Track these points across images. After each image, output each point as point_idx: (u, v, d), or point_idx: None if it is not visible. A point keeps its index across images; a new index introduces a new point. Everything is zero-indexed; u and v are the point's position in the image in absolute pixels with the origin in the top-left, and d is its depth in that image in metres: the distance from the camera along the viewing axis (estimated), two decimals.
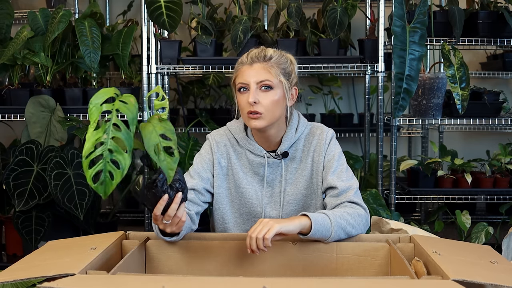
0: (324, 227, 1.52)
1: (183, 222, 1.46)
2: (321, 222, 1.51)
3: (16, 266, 1.35)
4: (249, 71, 1.66)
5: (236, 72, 1.70)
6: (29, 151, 2.72)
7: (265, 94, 1.66)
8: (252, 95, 1.64)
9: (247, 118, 1.68)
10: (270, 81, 1.66)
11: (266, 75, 1.66)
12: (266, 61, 1.67)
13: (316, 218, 1.52)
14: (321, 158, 1.74)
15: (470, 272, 1.22)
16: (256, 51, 1.69)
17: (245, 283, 1.17)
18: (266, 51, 1.69)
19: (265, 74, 1.66)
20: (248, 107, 1.65)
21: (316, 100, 4.02)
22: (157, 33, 3.01)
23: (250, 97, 1.64)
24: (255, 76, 1.65)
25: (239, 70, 1.70)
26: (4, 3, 2.96)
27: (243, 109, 1.68)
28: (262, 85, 1.66)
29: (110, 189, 1.20)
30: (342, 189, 1.68)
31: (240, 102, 1.69)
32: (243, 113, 1.69)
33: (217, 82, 3.76)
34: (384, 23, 2.92)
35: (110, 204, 4.00)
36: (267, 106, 1.65)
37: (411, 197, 3.13)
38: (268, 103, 1.65)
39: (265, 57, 1.67)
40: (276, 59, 1.68)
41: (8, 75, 3.05)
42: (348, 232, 1.56)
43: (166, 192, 1.37)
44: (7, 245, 3.13)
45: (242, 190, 1.76)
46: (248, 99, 1.65)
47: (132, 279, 1.21)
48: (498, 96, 3.14)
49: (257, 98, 1.64)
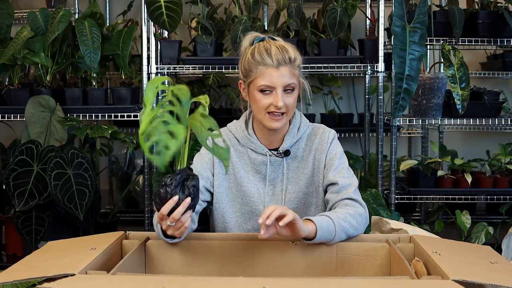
0: (328, 232, 1.52)
1: (185, 228, 1.46)
2: (325, 228, 1.51)
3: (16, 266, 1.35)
4: (275, 74, 1.64)
5: (258, 73, 1.65)
6: (29, 151, 2.72)
7: (289, 96, 1.67)
8: (280, 99, 1.64)
9: (268, 119, 1.67)
10: (295, 83, 1.67)
11: (291, 78, 1.66)
12: (291, 63, 1.66)
13: (321, 223, 1.51)
14: (322, 156, 1.75)
15: (470, 272, 1.22)
16: (277, 51, 1.65)
17: (245, 283, 1.17)
18: (288, 53, 1.66)
19: (291, 78, 1.66)
20: (272, 109, 1.65)
21: (316, 100, 4.02)
22: (157, 33, 3.01)
23: (279, 101, 1.63)
24: (282, 79, 1.64)
25: (262, 71, 1.65)
26: (4, 3, 2.96)
27: (263, 109, 1.67)
28: (288, 88, 1.66)
29: (167, 159, 1.20)
30: (342, 185, 1.69)
31: (261, 102, 1.66)
32: (262, 113, 1.68)
33: (217, 82, 3.75)
34: (384, 23, 2.92)
35: (110, 204, 4.00)
36: (290, 107, 1.67)
37: (411, 197, 3.14)
38: (291, 103, 1.67)
39: (290, 60, 1.65)
40: (298, 60, 1.68)
41: (8, 75, 3.05)
42: (350, 234, 1.57)
43: (177, 193, 1.38)
44: (7, 245, 3.13)
45: (244, 189, 1.76)
46: (275, 102, 1.64)
47: (132, 279, 1.21)
48: (498, 96, 3.14)
49: (284, 101, 1.65)
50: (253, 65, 1.66)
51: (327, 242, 1.54)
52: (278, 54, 1.64)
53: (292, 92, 1.67)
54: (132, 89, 2.97)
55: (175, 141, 1.21)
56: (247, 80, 1.69)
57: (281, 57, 1.64)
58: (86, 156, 2.80)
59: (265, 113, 1.67)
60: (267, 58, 1.64)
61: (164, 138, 1.21)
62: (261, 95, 1.66)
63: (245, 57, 1.70)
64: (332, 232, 1.52)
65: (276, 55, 1.64)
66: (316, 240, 1.51)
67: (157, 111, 1.25)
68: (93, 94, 2.93)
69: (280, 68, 1.64)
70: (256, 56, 1.65)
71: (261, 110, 1.67)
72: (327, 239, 1.52)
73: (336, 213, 1.59)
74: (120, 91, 2.95)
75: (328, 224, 1.52)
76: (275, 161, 1.77)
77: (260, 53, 1.65)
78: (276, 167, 1.77)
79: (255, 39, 1.72)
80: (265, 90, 1.65)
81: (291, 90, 1.67)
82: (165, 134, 1.21)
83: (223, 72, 3.25)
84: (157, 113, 1.24)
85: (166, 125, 1.23)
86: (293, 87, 1.67)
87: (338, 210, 1.62)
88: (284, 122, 1.69)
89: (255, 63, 1.65)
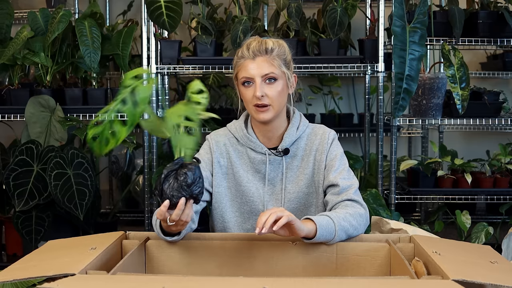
0: (328, 232, 1.52)
1: (186, 222, 1.46)
2: (325, 227, 1.51)
3: (16, 266, 1.35)
4: (252, 65, 1.68)
5: (238, 67, 1.72)
6: (29, 151, 2.72)
7: (270, 86, 1.68)
8: (259, 89, 1.66)
9: (254, 111, 1.70)
10: (274, 73, 1.68)
11: (269, 67, 1.68)
12: (268, 54, 1.69)
13: (321, 223, 1.51)
14: (323, 157, 1.75)
15: (470, 272, 1.22)
16: (256, 44, 1.70)
17: (245, 283, 1.17)
18: (266, 43, 1.70)
19: (269, 67, 1.68)
20: (255, 101, 1.68)
21: (316, 100, 4.02)
22: (157, 33, 3.01)
23: (257, 91, 1.66)
24: (259, 70, 1.68)
25: (241, 64, 1.71)
26: (4, 3, 2.96)
27: (249, 103, 1.70)
28: (267, 78, 1.68)
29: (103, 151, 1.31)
30: (343, 187, 1.69)
31: (246, 96, 1.71)
32: (249, 106, 1.71)
33: (217, 82, 3.76)
34: (384, 23, 2.92)
35: (110, 204, 4.00)
36: (273, 98, 1.68)
37: (411, 197, 3.13)
38: (274, 94, 1.68)
39: (266, 50, 1.69)
40: (277, 50, 1.70)
41: (8, 75, 3.05)
42: (350, 233, 1.57)
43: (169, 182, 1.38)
44: (7, 245, 3.13)
45: (243, 188, 1.76)
46: (254, 93, 1.67)
47: (132, 279, 1.21)
48: (498, 96, 3.14)
49: (263, 91, 1.67)
50: (236, 60, 1.73)
51: (327, 242, 1.54)
52: (255, 46, 1.69)
53: (274, 82, 1.69)
54: None
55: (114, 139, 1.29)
56: (234, 76, 1.75)
57: (257, 48, 1.69)
58: (86, 156, 2.80)
59: (251, 106, 1.70)
60: (245, 52, 1.70)
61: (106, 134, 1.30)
62: (244, 88, 1.71)
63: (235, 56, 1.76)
64: (332, 232, 1.52)
65: (253, 48, 1.69)
66: (316, 239, 1.51)
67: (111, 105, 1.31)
68: (93, 94, 2.93)
69: (256, 59, 1.68)
70: (239, 52, 1.73)
71: (247, 103, 1.72)
72: (327, 238, 1.52)
73: (336, 213, 1.59)
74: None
75: (328, 223, 1.52)
76: (274, 160, 1.77)
77: (242, 49, 1.72)
78: (275, 166, 1.77)
79: None
80: (246, 82, 1.70)
81: (272, 80, 1.68)
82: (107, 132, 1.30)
83: (223, 72, 3.25)
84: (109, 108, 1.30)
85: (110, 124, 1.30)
86: (273, 77, 1.68)
87: (338, 210, 1.62)
88: (271, 114, 1.69)
89: (237, 58, 1.73)
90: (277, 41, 1.73)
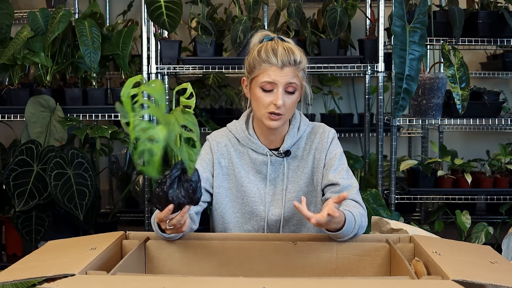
0: (350, 228, 1.51)
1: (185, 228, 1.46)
2: (350, 223, 1.51)
3: (16, 266, 1.35)
4: (279, 73, 1.66)
5: (260, 70, 1.67)
6: (29, 151, 2.72)
7: (289, 97, 1.68)
8: (281, 97, 1.65)
9: (267, 118, 1.68)
10: (297, 85, 1.68)
11: (294, 79, 1.67)
12: (296, 66, 1.67)
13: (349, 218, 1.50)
14: (322, 155, 1.75)
15: (470, 272, 1.22)
16: (283, 52, 1.66)
17: (245, 283, 1.17)
18: (294, 54, 1.67)
19: (293, 78, 1.67)
20: (272, 108, 1.66)
21: (316, 100, 4.02)
22: (157, 33, 3.01)
23: (279, 99, 1.65)
24: (284, 79, 1.66)
25: (266, 68, 1.66)
26: (4, 3, 2.95)
27: (263, 108, 1.68)
28: (288, 88, 1.67)
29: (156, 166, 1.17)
30: (344, 186, 1.69)
31: (263, 100, 1.68)
32: (262, 111, 1.69)
33: (217, 82, 3.75)
34: (384, 23, 2.92)
35: (110, 204, 4.00)
36: (289, 108, 1.68)
37: (411, 197, 3.13)
38: (290, 105, 1.68)
39: (295, 62, 1.67)
40: (303, 63, 1.69)
41: (8, 75, 3.05)
42: (359, 234, 1.57)
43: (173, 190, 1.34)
44: (7, 245, 3.13)
45: (245, 189, 1.76)
46: (274, 100, 1.65)
47: (132, 279, 1.21)
48: (498, 96, 3.14)
49: (284, 100, 1.66)
50: (258, 62, 1.68)
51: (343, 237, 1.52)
52: (284, 55, 1.66)
53: (293, 93, 1.68)
54: None
55: (157, 144, 1.17)
56: (250, 76, 1.71)
57: (287, 58, 1.66)
58: (86, 156, 2.80)
59: (264, 112, 1.68)
60: (272, 57, 1.66)
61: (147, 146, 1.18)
62: (262, 93, 1.68)
63: (251, 54, 1.72)
64: (351, 229, 1.52)
65: (281, 56, 1.65)
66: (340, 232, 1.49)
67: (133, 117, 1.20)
68: (93, 94, 2.93)
69: (284, 68, 1.66)
70: (262, 54, 1.67)
71: (261, 108, 1.68)
72: (347, 233, 1.51)
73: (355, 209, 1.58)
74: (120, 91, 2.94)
75: (351, 220, 1.52)
76: (275, 161, 1.77)
77: (266, 52, 1.67)
78: (276, 167, 1.77)
79: (265, 38, 1.74)
80: (266, 88, 1.67)
81: (292, 91, 1.68)
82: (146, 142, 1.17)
83: (223, 72, 3.25)
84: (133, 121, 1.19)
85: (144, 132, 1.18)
86: (294, 87, 1.68)
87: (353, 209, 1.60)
88: (281, 122, 1.70)
89: (260, 60, 1.67)
90: (300, 51, 1.71)
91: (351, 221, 1.51)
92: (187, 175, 1.37)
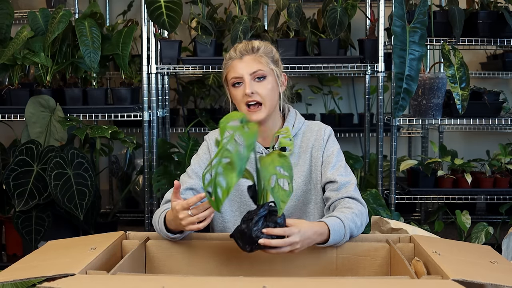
0: (339, 235, 1.52)
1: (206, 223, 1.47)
2: (337, 231, 1.51)
3: (16, 266, 1.35)
4: (240, 64, 1.70)
5: (227, 68, 1.74)
6: (29, 151, 2.72)
7: (260, 84, 1.70)
8: (248, 86, 1.68)
9: (247, 112, 1.70)
10: (263, 70, 1.70)
11: (257, 65, 1.70)
12: (255, 52, 1.71)
13: (334, 227, 1.51)
14: (319, 153, 1.76)
15: (470, 272, 1.22)
16: (243, 45, 1.73)
17: (245, 283, 1.17)
18: (252, 43, 1.73)
19: (257, 65, 1.70)
20: (246, 99, 1.69)
21: (316, 100, 4.02)
22: (157, 33, 3.01)
23: (247, 88, 1.68)
24: (247, 68, 1.70)
25: (229, 65, 1.73)
26: (4, 3, 2.95)
27: (241, 103, 1.71)
28: (256, 76, 1.70)
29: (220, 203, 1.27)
30: (342, 183, 1.69)
31: (236, 96, 1.72)
32: (241, 107, 1.71)
33: (217, 82, 3.76)
34: (384, 23, 2.92)
35: (110, 204, 4.00)
36: (264, 95, 1.70)
37: (411, 197, 3.13)
38: (264, 92, 1.70)
39: (253, 49, 1.72)
40: (264, 49, 1.73)
41: (8, 75, 3.05)
42: (355, 234, 1.57)
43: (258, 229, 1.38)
44: (7, 245, 3.13)
45: (242, 188, 1.76)
46: (244, 91, 1.68)
47: (132, 279, 1.21)
48: (498, 96, 3.14)
49: (253, 88, 1.68)
50: (224, 63, 1.75)
51: (335, 245, 1.53)
52: (242, 47, 1.73)
53: (264, 80, 1.70)
54: (132, 89, 2.97)
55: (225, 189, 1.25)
56: (223, 78, 1.77)
57: (244, 48, 1.72)
58: (86, 156, 2.80)
59: (243, 107, 1.71)
60: (232, 53, 1.73)
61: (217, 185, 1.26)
62: (234, 89, 1.72)
63: None
64: (342, 235, 1.52)
65: (240, 48, 1.72)
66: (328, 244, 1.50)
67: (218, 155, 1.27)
68: (93, 94, 2.93)
69: (243, 58, 1.71)
70: (226, 56, 1.75)
71: (239, 104, 1.72)
72: (337, 241, 1.52)
73: (344, 215, 1.58)
74: (120, 91, 2.95)
75: (340, 227, 1.52)
76: None
77: (229, 52, 1.75)
78: None
79: None
80: (236, 83, 1.71)
81: (262, 78, 1.70)
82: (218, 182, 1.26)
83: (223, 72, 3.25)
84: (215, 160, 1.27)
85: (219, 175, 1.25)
86: (262, 74, 1.70)
87: (344, 210, 1.60)
88: (264, 113, 1.70)
89: (225, 61, 1.75)
90: (263, 42, 1.76)
91: (337, 229, 1.51)
92: (274, 216, 1.41)
